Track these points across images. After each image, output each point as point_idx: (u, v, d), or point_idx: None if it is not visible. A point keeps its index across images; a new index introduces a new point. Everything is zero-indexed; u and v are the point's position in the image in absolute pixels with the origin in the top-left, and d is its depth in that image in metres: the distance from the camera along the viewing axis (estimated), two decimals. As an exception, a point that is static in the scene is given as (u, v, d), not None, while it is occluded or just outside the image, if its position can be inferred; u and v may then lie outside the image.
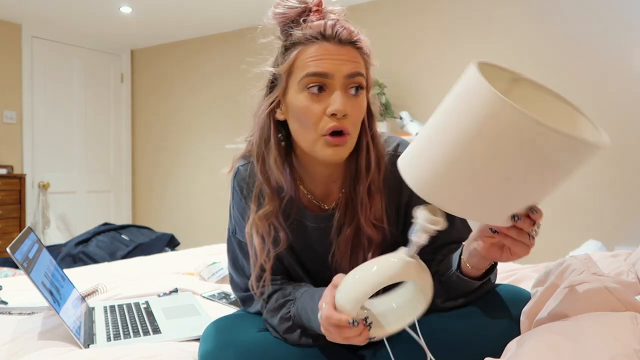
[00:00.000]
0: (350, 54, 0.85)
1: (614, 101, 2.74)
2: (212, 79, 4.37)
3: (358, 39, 0.86)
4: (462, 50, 3.16)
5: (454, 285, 0.88)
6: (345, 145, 0.85)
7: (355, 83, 0.84)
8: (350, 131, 0.85)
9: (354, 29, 0.87)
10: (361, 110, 0.86)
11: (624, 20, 2.71)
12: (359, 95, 0.85)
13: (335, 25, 0.85)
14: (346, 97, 0.84)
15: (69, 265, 2.66)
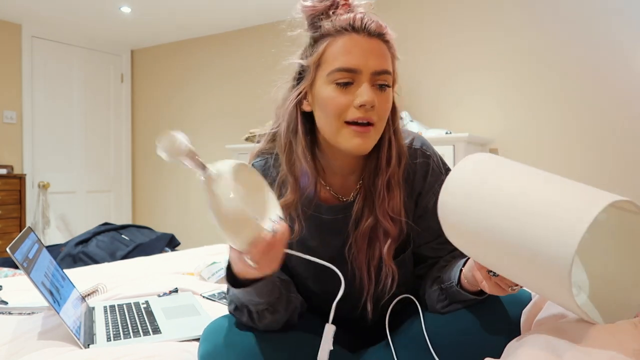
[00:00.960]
0: (379, 48, 0.86)
1: (614, 101, 2.74)
2: (212, 79, 4.37)
3: (386, 32, 0.87)
4: (462, 50, 3.16)
5: (454, 294, 0.89)
6: (368, 135, 0.86)
7: (382, 80, 0.86)
8: (376, 122, 0.86)
9: (383, 23, 0.87)
10: (388, 104, 0.87)
11: (624, 20, 2.71)
12: (386, 90, 0.87)
13: (364, 17, 0.86)
14: (373, 90, 0.85)
15: (69, 265, 2.66)
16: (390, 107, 0.88)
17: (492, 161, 0.75)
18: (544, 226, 0.62)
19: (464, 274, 0.86)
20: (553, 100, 2.90)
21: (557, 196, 0.64)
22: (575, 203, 0.62)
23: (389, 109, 0.88)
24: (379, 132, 0.88)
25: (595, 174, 2.79)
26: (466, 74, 3.16)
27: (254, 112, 4.09)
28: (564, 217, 0.61)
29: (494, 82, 3.07)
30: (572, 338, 0.65)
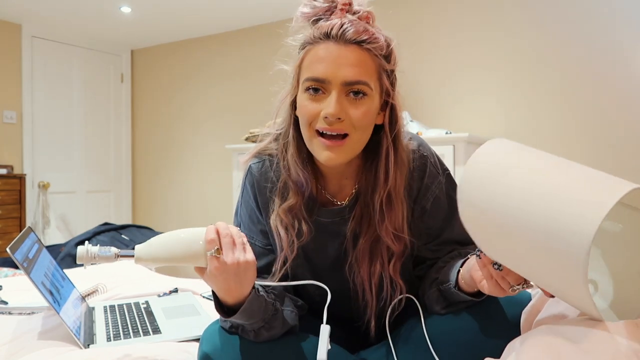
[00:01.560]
0: (354, 57, 0.82)
1: (613, 101, 2.74)
2: (212, 79, 4.37)
3: (367, 39, 0.83)
4: (462, 50, 3.16)
5: (452, 296, 0.89)
6: (340, 148, 0.83)
7: (354, 89, 0.82)
8: (349, 132, 0.83)
9: (368, 29, 0.84)
10: (363, 113, 0.83)
11: (624, 20, 2.71)
12: (360, 100, 0.83)
13: (344, 24, 0.83)
14: (346, 100, 0.83)
15: (69, 265, 2.66)
16: (369, 116, 0.84)
17: (514, 146, 0.74)
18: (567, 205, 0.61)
19: (462, 275, 0.86)
20: (553, 100, 2.90)
21: (581, 179, 0.64)
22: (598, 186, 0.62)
23: (366, 118, 0.84)
24: (355, 144, 0.85)
25: (595, 174, 2.78)
26: (466, 74, 3.16)
27: (254, 112, 4.09)
28: (587, 199, 0.60)
29: (494, 82, 3.07)
30: (573, 338, 0.65)
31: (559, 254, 0.61)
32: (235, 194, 3.45)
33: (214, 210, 4.33)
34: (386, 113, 0.89)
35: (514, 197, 0.67)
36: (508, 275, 0.74)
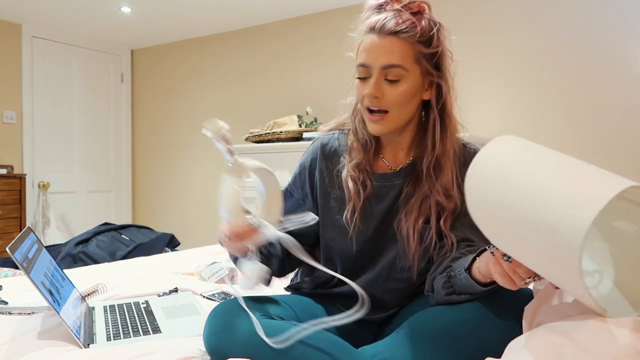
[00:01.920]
0: (391, 45, 0.97)
1: (615, 101, 2.74)
2: (212, 79, 4.37)
3: (403, 29, 0.97)
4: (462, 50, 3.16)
5: (461, 283, 0.91)
6: (382, 121, 1.01)
7: (390, 73, 0.98)
8: (389, 108, 1.00)
9: (406, 19, 0.98)
10: (400, 93, 0.99)
11: (624, 20, 2.71)
12: (397, 83, 0.99)
13: (386, 18, 0.98)
14: (383, 83, 0.99)
15: (69, 265, 2.65)
16: (406, 95, 0.99)
17: (520, 143, 0.78)
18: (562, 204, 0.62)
19: (478, 263, 0.88)
20: (553, 100, 2.90)
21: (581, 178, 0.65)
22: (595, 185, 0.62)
23: (402, 97, 0.99)
24: (395, 118, 1.01)
25: (596, 173, 2.79)
26: (466, 75, 3.15)
27: (254, 112, 4.09)
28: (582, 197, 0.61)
29: (494, 82, 3.08)
30: (576, 337, 0.65)
31: (556, 250, 0.62)
32: (235, 194, 3.45)
33: (214, 210, 4.33)
34: (432, 90, 1.03)
35: (516, 196, 0.68)
36: (518, 268, 0.76)
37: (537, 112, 2.94)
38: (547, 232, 0.63)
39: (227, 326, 0.90)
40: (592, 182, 0.63)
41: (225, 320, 0.91)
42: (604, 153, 2.76)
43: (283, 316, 0.98)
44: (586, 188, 0.62)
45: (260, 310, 0.95)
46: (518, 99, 3.00)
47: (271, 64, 4.00)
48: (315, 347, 0.88)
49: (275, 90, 3.97)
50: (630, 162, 2.70)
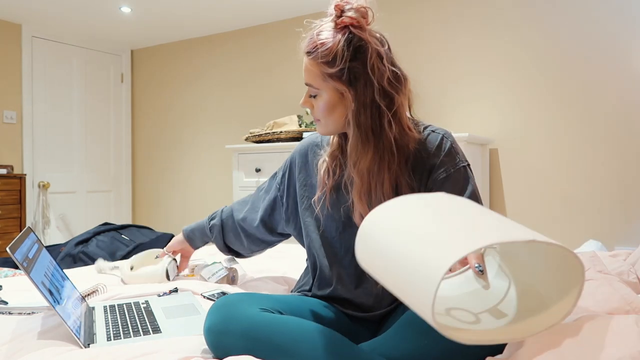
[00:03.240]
0: (306, 65, 1.11)
1: (613, 101, 2.74)
2: (212, 79, 4.37)
3: (311, 51, 1.09)
4: (461, 49, 3.17)
5: None
6: (318, 126, 1.16)
7: (310, 89, 1.13)
8: (319, 118, 1.14)
9: (314, 40, 1.09)
10: (321, 107, 1.12)
11: (624, 20, 2.71)
12: (316, 97, 1.13)
13: (306, 38, 1.11)
14: (311, 97, 1.14)
15: (69, 265, 2.65)
16: (325, 107, 1.11)
17: (402, 204, 0.77)
18: (415, 267, 0.64)
19: None
20: (552, 100, 2.90)
21: (436, 241, 0.65)
22: (436, 253, 0.63)
23: (322, 109, 1.12)
24: (325, 125, 1.14)
25: (595, 172, 2.79)
26: (467, 76, 3.16)
27: (254, 112, 4.09)
28: (428, 265, 0.62)
29: (494, 82, 3.08)
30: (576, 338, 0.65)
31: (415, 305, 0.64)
32: (236, 194, 3.45)
33: (214, 210, 4.33)
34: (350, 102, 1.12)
35: (387, 255, 0.70)
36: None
37: (537, 113, 2.94)
38: (406, 295, 0.65)
39: (227, 320, 0.92)
40: (440, 248, 0.63)
41: (225, 313, 0.93)
42: (604, 153, 2.76)
43: (282, 310, 1.00)
44: (432, 256, 0.63)
45: (258, 304, 0.96)
46: (517, 100, 3.00)
47: (271, 64, 4.00)
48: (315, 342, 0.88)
49: (275, 90, 3.97)
50: (630, 162, 2.71)
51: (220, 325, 0.92)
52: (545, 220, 2.93)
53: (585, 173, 2.82)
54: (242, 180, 3.42)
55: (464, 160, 1.14)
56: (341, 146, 1.20)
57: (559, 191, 2.89)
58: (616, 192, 2.74)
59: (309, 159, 1.28)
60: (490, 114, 3.09)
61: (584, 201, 2.82)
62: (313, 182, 1.24)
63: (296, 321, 0.93)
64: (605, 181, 2.76)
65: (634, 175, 2.70)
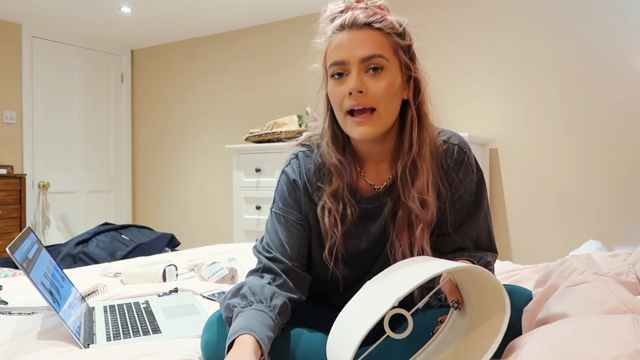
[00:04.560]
0: (366, 36, 0.90)
1: (614, 100, 2.74)
2: (212, 79, 4.37)
3: (376, 20, 0.91)
4: (461, 49, 3.16)
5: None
6: (370, 122, 0.90)
7: (372, 64, 0.90)
8: (375, 106, 0.90)
9: (377, 12, 0.92)
10: (385, 86, 0.90)
11: (623, 20, 2.71)
12: (380, 73, 0.90)
13: (355, 12, 0.92)
14: (366, 77, 0.90)
15: (69, 265, 2.66)
16: (390, 88, 0.90)
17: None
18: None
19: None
20: (553, 100, 2.90)
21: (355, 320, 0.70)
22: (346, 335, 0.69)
23: (388, 90, 0.90)
24: (384, 117, 0.91)
25: (595, 172, 2.79)
26: (467, 75, 3.16)
27: (254, 112, 4.09)
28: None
29: (494, 83, 3.08)
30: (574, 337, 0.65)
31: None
32: (236, 194, 3.45)
33: (214, 210, 4.33)
34: (410, 87, 0.96)
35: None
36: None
37: (537, 113, 2.94)
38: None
39: (223, 336, 0.89)
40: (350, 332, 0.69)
41: (221, 329, 0.90)
42: (605, 153, 2.76)
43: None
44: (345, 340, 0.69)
45: None
46: (517, 99, 3.00)
47: (272, 64, 4.00)
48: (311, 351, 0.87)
49: (275, 90, 3.97)
50: (630, 162, 2.70)
51: (217, 341, 0.89)
52: (545, 220, 2.93)
53: (586, 173, 2.82)
54: (242, 180, 3.42)
55: (478, 170, 1.01)
56: (342, 177, 0.98)
57: (559, 191, 2.89)
58: (616, 192, 2.74)
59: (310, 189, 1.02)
60: (490, 113, 3.09)
61: (584, 201, 2.82)
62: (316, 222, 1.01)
63: (294, 331, 0.91)
64: (605, 181, 2.76)
65: (634, 175, 2.70)
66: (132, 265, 1.84)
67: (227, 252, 2.40)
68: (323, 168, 1.00)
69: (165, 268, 1.76)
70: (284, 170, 1.05)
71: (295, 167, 1.03)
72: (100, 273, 1.91)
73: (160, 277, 1.74)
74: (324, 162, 1.00)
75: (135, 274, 1.75)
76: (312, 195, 1.01)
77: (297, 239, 1.00)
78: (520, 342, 0.72)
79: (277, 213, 1.03)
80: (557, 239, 2.88)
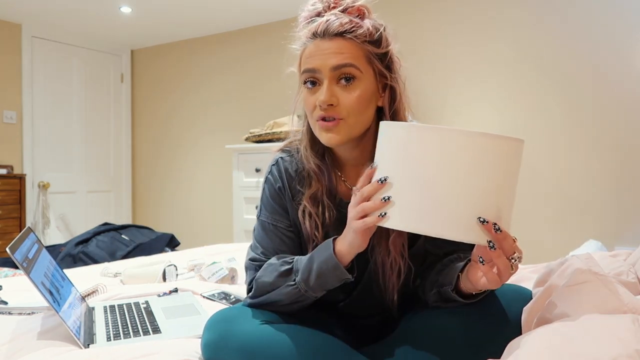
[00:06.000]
0: (337, 46, 0.89)
1: (614, 101, 2.74)
2: (212, 79, 4.37)
3: (349, 29, 0.90)
4: (462, 51, 3.16)
5: (449, 297, 0.89)
6: (336, 129, 0.90)
7: (343, 74, 0.89)
8: (344, 116, 0.90)
9: (351, 20, 0.90)
10: (356, 97, 0.89)
11: (624, 20, 2.71)
12: (352, 84, 0.89)
13: (329, 20, 0.91)
14: (337, 88, 0.90)
15: (69, 265, 2.65)
16: (361, 99, 0.90)
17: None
18: None
19: (462, 279, 0.86)
20: (552, 100, 2.90)
21: None
22: None
23: (358, 102, 0.89)
24: (351, 126, 0.91)
25: (595, 173, 2.79)
26: (467, 76, 3.16)
27: (254, 112, 4.09)
28: None
29: (495, 83, 3.08)
30: (574, 337, 0.65)
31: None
32: (236, 194, 3.45)
33: (214, 210, 4.33)
34: (386, 94, 0.95)
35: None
36: (501, 247, 0.75)
37: (537, 113, 2.94)
38: None
39: (223, 336, 0.88)
40: None
41: (221, 329, 0.90)
42: (604, 153, 2.76)
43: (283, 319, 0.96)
44: None
45: (260, 318, 0.94)
46: (517, 100, 3.00)
47: (272, 64, 4.00)
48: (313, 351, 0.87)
49: (275, 91, 3.97)
50: (630, 162, 2.70)
51: (217, 341, 0.88)
52: (545, 220, 2.93)
53: (586, 173, 2.81)
54: (242, 180, 3.42)
55: None
56: (321, 181, 0.98)
57: (559, 191, 2.89)
58: (616, 192, 2.74)
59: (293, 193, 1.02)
60: (490, 114, 3.09)
61: (584, 201, 2.82)
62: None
63: (295, 330, 0.90)
64: (605, 181, 2.76)
65: (634, 176, 2.70)
66: (132, 265, 1.84)
67: (227, 252, 2.40)
68: (303, 172, 1.01)
69: (165, 268, 1.76)
70: (267, 178, 1.05)
71: (277, 173, 1.03)
72: (100, 273, 1.91)
73: (160, 277, 1.74)
74: (304, 166, 1.00)
75: (135, 274, 1.75)
76: (294, 200, 1.01)
77: (288, 247, 1.00)
78: (520, 342, 0.72)
79: (266, 222, 1.02)
80: (557, 238, 2.88)
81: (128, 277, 1.75)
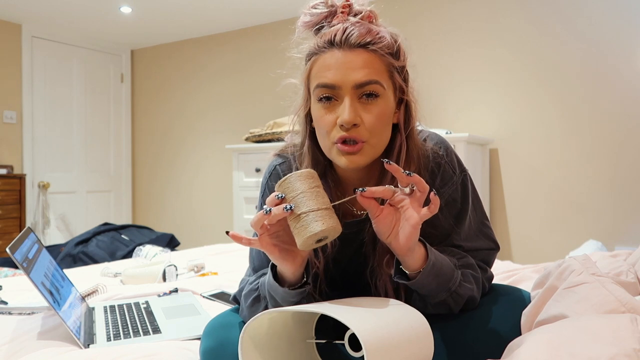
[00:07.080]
0: (361, 59, 0.81)
1: (614, 101, 2.74)
2: (212, 79, 4.37)
3: (372, 41, 0.82)
4: (462, 53, 3.17)
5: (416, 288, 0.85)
6: (359, 152, 0.82)
7: (366, 91, 0.81)
8: (366, 138, 0.81)
9: (372, 29, 0.83)
10: (378, 117, 0.81)
11: (624, 20, 2.71)
12: (374, 102, 0.81)
13: (347, 29, 0.82)
14: (359, 105, 0.81)
15: (69, 265, 2.66)
16: (383, 118, 0.82)
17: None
18: None
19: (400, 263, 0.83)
20: (552, 100, 2.90)
21: None
22: None
23: (380, 121, 0.82)
24: (373, 147, 0.83)
25: (595, 172, 2.79)
26: (467, 76, 3.16)
27: (254, 112, 4.09)
28: None
29: (495, 83, 3.08)
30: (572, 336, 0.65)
31: None
32: (236, 194, 3.45)
33: (214, 210, 4.33)
34: (401, 111, 0.88)
35: None
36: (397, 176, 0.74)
37: (537, 113, 2.94)
38: None
39: (222, 343, 0.87)
40: None
41: (220, 337, 0.88)
42: (604, 153, 2.76)
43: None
44: None
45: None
46: (517, 100, 3.00)
47: (272, 64, 4.00)
48: None
49: (275, 90, 3.97)
50: (630, 162, 2.70)
51: (216, 349, 0.87)
52: (545, 220, 2.93)
53: (585, 173, 2.82)
54: (242, 180, 3.42)
55: (460, 170, 0.93)
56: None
57: (559, 191, 2.89)
58: (616, 192, 2.74)
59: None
60: (490, 114, 3.09)
61: (584, 201, 2.82)
62: None
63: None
64: (605, 181, 2.76)
65: (634, 175, 2.70)
66: (132, 266, 1.84)
67: (227, 252, 2.40)
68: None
69: (165, 268, 1.76)
70: (267, 185, 0.98)
71: (275, 181, 0.96)
72: (100, 273, 1.91)
73: (160, 277, 1.74)
74: None
75: (135, 274, 1.75)
76: None
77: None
78: (519, 343, 0.72)
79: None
80: (557, 238, 2.88)
81: (128, 277, 1.75)
